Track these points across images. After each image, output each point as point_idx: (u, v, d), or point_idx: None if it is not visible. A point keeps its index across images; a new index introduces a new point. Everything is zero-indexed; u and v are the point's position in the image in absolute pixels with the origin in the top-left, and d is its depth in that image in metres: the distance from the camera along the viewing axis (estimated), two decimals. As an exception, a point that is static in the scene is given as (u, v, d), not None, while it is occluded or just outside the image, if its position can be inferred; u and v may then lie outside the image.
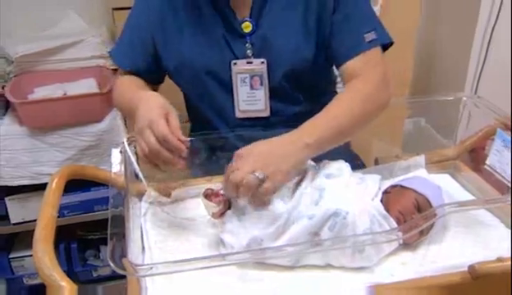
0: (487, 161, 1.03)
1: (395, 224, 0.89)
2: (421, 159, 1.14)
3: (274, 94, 1.11)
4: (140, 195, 1.06)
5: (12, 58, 1.69)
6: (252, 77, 1.08)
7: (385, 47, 1.10)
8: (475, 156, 1.13)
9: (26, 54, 1.70)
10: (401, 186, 0.97)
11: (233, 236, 0.87)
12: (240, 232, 0.87)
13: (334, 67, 1.19)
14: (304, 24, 1.06)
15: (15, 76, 1.72)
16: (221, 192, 0.90)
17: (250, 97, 1.10)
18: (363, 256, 0.85)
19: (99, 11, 1.90)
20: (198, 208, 0.99)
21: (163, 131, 0.86)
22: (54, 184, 0.89)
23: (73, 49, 1.79)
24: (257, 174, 0.85)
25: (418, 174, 1.11)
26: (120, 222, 0.86)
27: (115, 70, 1.86)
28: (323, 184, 0.91)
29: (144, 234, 0.97)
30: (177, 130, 0.88)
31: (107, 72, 1.80)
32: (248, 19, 1.07)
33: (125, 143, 1.02)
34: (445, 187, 1.05)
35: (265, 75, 1.08)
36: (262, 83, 1.08)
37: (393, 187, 0.98)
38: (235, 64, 1.08)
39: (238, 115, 1.13)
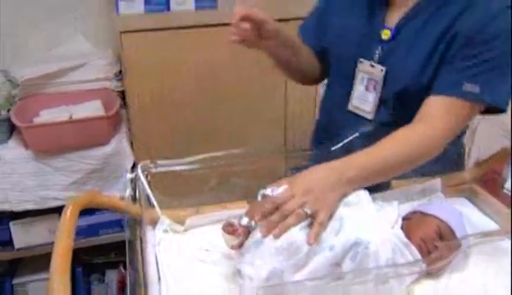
0: (506, 185, 1.01)
1: (417, 253, 0.88)
2: (437, 182, 1.12)
3: (383, 102, 1.14)
4: (154, 223, 1.04)
5: (18, 81, 1.68)
6: (369, 80, 1.13)
7: (493, 110, 1.06)
8: (492, 180, 1.12)
9: (32, 77, 1.69)
10: (421, 212, 0.95)
11: (252, 267, 0.85)
12: (259, 263, 0.85)
13: None
14: (433, 50, 1.05)
15: (20, 99, 1.71)
16: (242, 223, 0.88)
17: (363, 97, 1.15)
18: (385, 288, 0.83)
19: (105, 33, 1.90)
20: (212, 236, 0.97)
21: None
22: (69, 213, 0.87)
23: (79, 71, 1.78)
24: (306, 210, 0.85)
25: (434, 199, 1.09)
26: (134, 251, 0.85)
27: (121, 92, 1.86)
28: (342, 213, 0.89)
29: (159, 264, 0.94)
30: None
31: (112, 94, 1.79)
32: (390, 27, 1.10)
33: (139, 170, 1.00)
34: (464, 211, 1.03)
35: (380, 83, 1.12)
36: (375, 89, 1.13)
37: (413, 213, 0.96)
38: (360, 62, 1.14)
39: (349, 107, 1.19)
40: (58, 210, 1.78)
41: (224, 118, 1.72)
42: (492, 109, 1.05)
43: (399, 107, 1.11)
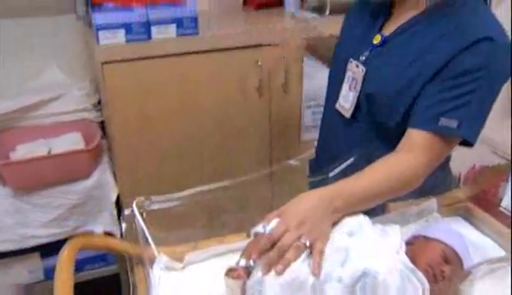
0: (503, 203, 1.02)
1: (424, 278, 0.86)
2: (433, 203, 1.13)
3: (360, 102, 1.15)
4: (151, 261, 1.00)
5: (-7, 116, 1.62)
6: (352, 79, 1.16)
7: (467, 143, 1.04)
8: (486, 198, 1.13)
9: (7, 112, 1.63)
10: (424, 237, 0.94)
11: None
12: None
13: None
14: (420, 75, 1.04)
15: (-5, 134, 1.64)
16: (241, 264, 0.85)
17: (346, 95, 1.18)
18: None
19: (82, 64, 1.86)
20: (212, 273, 0.94)
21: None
22: (65, 257, 0.83)
23: (56, 103, 1.73)
24: (303, 241, 0.84)
25: (431, 219, 1.09)
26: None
27: (100, 122, 1.81)
28: (346, 244, 0.87)
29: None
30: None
31: (92, 125, 1.75)
32: (382, 34, 1.12)
33: (135, 208, 0.97)
34: (461, 231, 1.03)
35: (359, 82, 1.14)
36: (355, 88, 1.15)
37: (415, 238, 0.96)
38: (350, 62, 1.16)
39: (336, 105, 1.21)
40: (38, 249, 1.72)
41: (208, 143, 1.70)
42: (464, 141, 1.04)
43: (370, 111, 1.12)
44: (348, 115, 1.17)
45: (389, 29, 1.12)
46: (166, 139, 1.64)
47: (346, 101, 1.17)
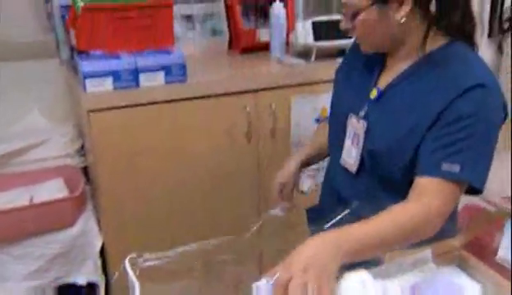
0: (499, 254, 1.02)
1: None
2: (428, 253, 1.12)
3: (363, 158, 1.16)
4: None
5: (-28, 164, 1.57)
6: (354, 134, 1.17)
7: (473, 191, 1.05)
8: (481, 245, 1.12)
9: (-13, 159, 1.58)
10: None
11: None
12: None
13: None
14: (418, 126, 1.06)
15: (-26, 183, 1.59)
16: None
17: (349, 151, 1.19)
18: None
19: (64, 109, 1.83)
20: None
21: None
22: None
23: (38, 149, 1.70)
24: (309, 288, 0.82)
25: (427, 270, 1.08)
26: None
27: (83, 168, 1.77)
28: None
29: None
30: None
31: (75, 171, 1.71)
32: (378, 88, 1.14)
33: (127, 266, 0.93)
34: (458, 282, 1.02)
35: (361, 138, 1.15)
36: (358, 144, 1.16)
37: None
38: (350, 117, 1.17)
39: (341, 161, 1.22)
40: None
41: (197, 190, 1.67)
42: (470, 189, 1.05)
43: (374, 165, 1.13)
44: (353, 170, 1.18)
45: (384, 81, 1.14)
46: (153, 186, 1.61)
47: (350, 156, 1.19)
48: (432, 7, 1.07)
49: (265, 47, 1.93)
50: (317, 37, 1.74)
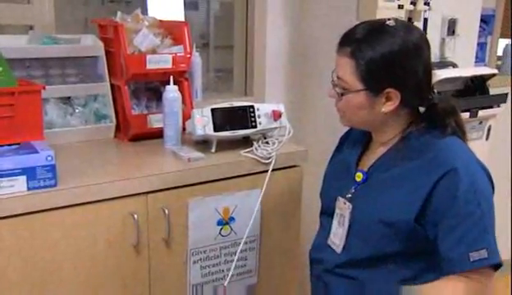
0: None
1: None
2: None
3: (349, 238, 1.20)
4: None
5: None
6: (341, 215, 1.23)
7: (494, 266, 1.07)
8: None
9: None
10: None
11: None
12: None
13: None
14: (406, 203, 1.11)
15: None
16: None
17: (336, 231, 1.25)
18: None
19: None
20: None
21: None
22: None
23: None
24: None
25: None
26: None
27: None
28: None
29: None
30: None
31: None
32: (363, 171, 1.22)
33: None
34: None
35: (347, 219, 1.20)
36: (344, 225, 1.22)
37: None
38: (338, 200, 1.24)
39: (328, 241, 1.27)
40: None
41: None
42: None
43: (358, 247, 1.18)
44: (339, 250, 1.23)
45: (367, 163, 1.23)
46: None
47: (335, 236, 1.24)
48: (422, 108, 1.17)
49: (158, 134, 1.68)
50: (217, 127, 1.54)
